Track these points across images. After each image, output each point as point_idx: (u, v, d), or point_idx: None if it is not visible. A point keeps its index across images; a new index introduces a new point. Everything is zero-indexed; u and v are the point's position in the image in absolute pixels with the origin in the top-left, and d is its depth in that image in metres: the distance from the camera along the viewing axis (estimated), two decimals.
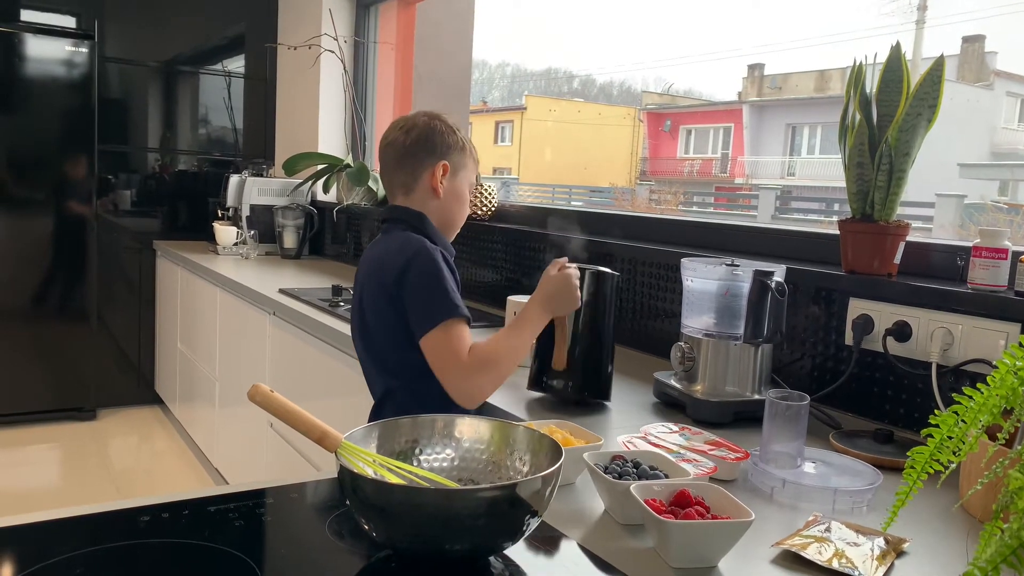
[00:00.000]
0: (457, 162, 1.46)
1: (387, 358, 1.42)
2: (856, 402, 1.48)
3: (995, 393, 0.66)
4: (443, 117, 1.48)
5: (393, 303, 1.35)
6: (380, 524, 0.78)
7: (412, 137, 1.43)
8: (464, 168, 1.48)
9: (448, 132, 1.45)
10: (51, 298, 3.71)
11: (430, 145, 1.44)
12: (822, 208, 10.02)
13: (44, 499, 2.99)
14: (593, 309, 1.44)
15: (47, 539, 0.83)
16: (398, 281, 1.34)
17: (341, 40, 3.54)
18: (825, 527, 0.93)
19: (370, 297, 1.42)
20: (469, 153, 1.49)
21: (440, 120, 1.46)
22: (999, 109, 11.96)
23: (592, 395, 1.45)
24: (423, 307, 1.32)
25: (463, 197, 1.49)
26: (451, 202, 1.47)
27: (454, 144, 1.46)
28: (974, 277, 1.34)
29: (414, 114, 1.48)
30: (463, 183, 1.49)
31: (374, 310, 1.41)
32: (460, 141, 1.47)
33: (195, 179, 4.12)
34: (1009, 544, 0.60)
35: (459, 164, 1.47)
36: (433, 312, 1.31)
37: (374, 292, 1.40)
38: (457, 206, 1.49)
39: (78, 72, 3.59)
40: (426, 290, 1.33)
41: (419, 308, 1.32)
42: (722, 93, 22.29)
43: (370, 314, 1.42)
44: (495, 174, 18.67)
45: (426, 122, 1.45)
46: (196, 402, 3.39)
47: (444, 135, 1.45)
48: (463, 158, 1.48)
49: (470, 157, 1.49)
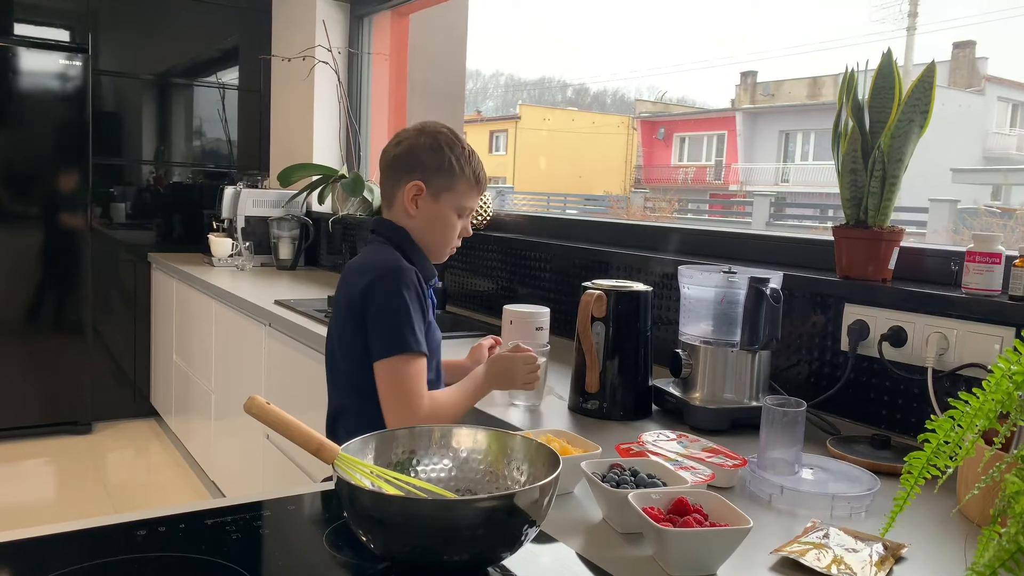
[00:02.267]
0: (440, 184, 1.36)
1: (340, 374, 1.38)
2: (853, 408, 1.48)
3: (991, 398, 0.67)
4: (438, 133, 1.38)
5: (355, 318, 1.31)
6: (378, 536, 0.78)
7: (399, 150, 1.38)
8: (451, 191, 1.37)
9: (436, 150, 1.36)
10: (46, 311, 3.70)
11: (411, 162, 1.36)
12: (816, 214, 10.06)
13: (40, 514, 2.98)
14: (619, 329, 1.44)
15: (43, 554, 0.83)
16: (363, 297, 1.30)
17: (335, 51, 3.54)
18: (823, 533, 0.93)
19: (337, 309, 1.38)
20: (460, 175, 1.37)
21: (431, 136, 1.37)
22: (991, 114, 12.03)
23: (627, 414, 1.44)
24: (382, 332, 1.28)
25: (444, 222, 1.38)
26: (426, 225, 1.38)
27: (439, 165, 1.36)
28: (968, 282, 1.34)
29: (418, 124, 1.41)
30: (446, 207, 1.38)
31: (337, 322, 1.38)
32: (449, 161, 1.36)
33: (190, 191, 4.11)
34: (1007, 548, 0.60)
35: (443, 186, 1.36)
36: (391, 341, 1.27)
37: (341, 305, 1.36)
38: (433, 231, 1.39)
39: (72, 85, 3.59)
40: (389, 315, 1.28)
41: (378, 332, 1.28)
42: (715, 101, 22.42)
43: (334, 326, 1.39)
44: (490, 183, 18.66)
45: (414, 136, 1.38)
46: (192, 415, 3.38)
47: (430, 152, 1.36)
48: (451, 180, 1.36)
49: (463, 180, 1.37)
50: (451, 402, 1.34)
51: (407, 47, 3.68)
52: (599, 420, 1.43)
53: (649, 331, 1.47)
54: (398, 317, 1.28)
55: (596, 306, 1.42)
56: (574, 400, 1.48)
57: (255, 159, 4.19)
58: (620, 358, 1.44)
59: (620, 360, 1.44)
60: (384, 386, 1.28)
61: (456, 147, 1.38)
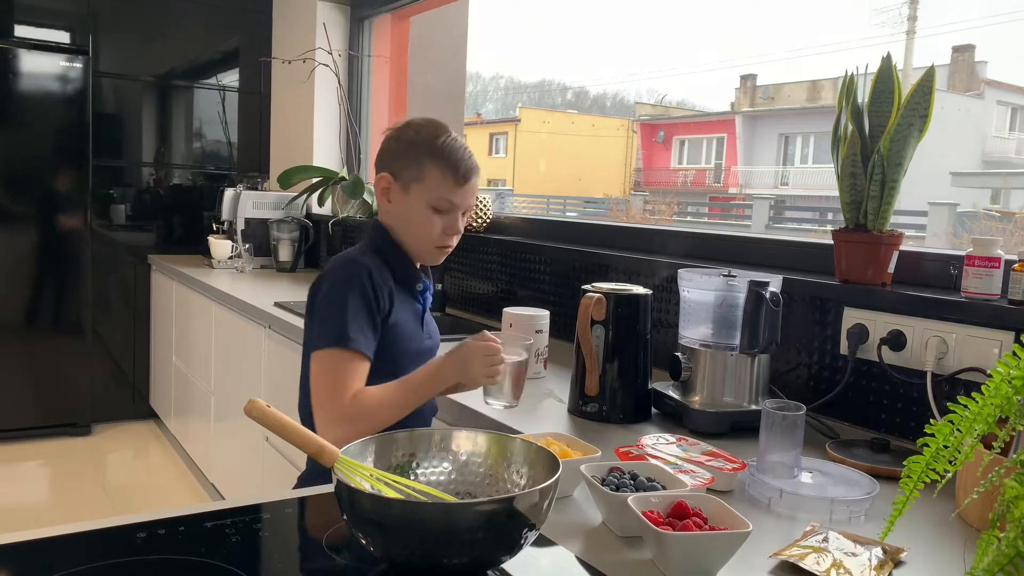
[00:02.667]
0: (409, 175, 1.28)
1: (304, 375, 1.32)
2: (852, 411, 1.48)
3: (990, 402, 0.67)
4: (409, 124, 1.32)
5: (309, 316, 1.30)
6: (377, 539, 0.78)
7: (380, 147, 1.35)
8: (420, 182, 1.28)
9: (403, 140, 1.30)
10: (46, 313, 3.70)
11: (383, 156, 1.32)
12: (816, 217, 10.07)
13: (39, 516, 2.97)
14: (618, 332, 1.44)
15: (42, 557, 0.83)
16: (315, 288, 1.29)
17: (335, 54, 3.55)
18: (823, 537, 0.93)
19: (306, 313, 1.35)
20: (433, 165, 1.27)
21: (402, 127, 1.32)
22: (990, 118, 12.05)
23: (627, 417, 1.44)
24: (320, 324, 1.24)
25: (417, 217, 1.29)
26: (400, 221, 1.32)
27: (405, 154, 1.28)
28: (968, 286, 1.34)
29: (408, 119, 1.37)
30: (417, 200, 1.28)
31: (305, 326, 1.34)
32: (416, 151, 1.28)
33: (190, 193, 4.12)
34: (1006, 553, 0.60)
35: (411, 178, 1.28)
36: (326, 333, 1.21)
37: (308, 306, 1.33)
38: (407, 227, 1.31)
39: (72, 87, 3.59)
40: (328, 307, 1.24)
41: (317, 323, 1.25)
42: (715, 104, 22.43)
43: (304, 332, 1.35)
44: (489, 186, 18.70)
45: (392, 129, 1.33)
46: (192, 417, 3.38)
47: (397, 143, 1.30)
48: (419, 171, 1.27)
49: (433, 169, 1.27)
50: (384, 398, 1.21)
51: (407, 49, 3.69)
52: (599, 423, 1.43)
53: (649, 334, 1.47)
54: (335, 309, 1.22)
55: (596, 309, 1.43)
56: (574, 403, 1.48)
57: (255, 161, 4.19)
58: (620, 361, 1.44)
59: (620, 363, 1.44)
60: (313, 379, 1.22)
61: (426, 134, 1.29)
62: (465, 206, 1.32)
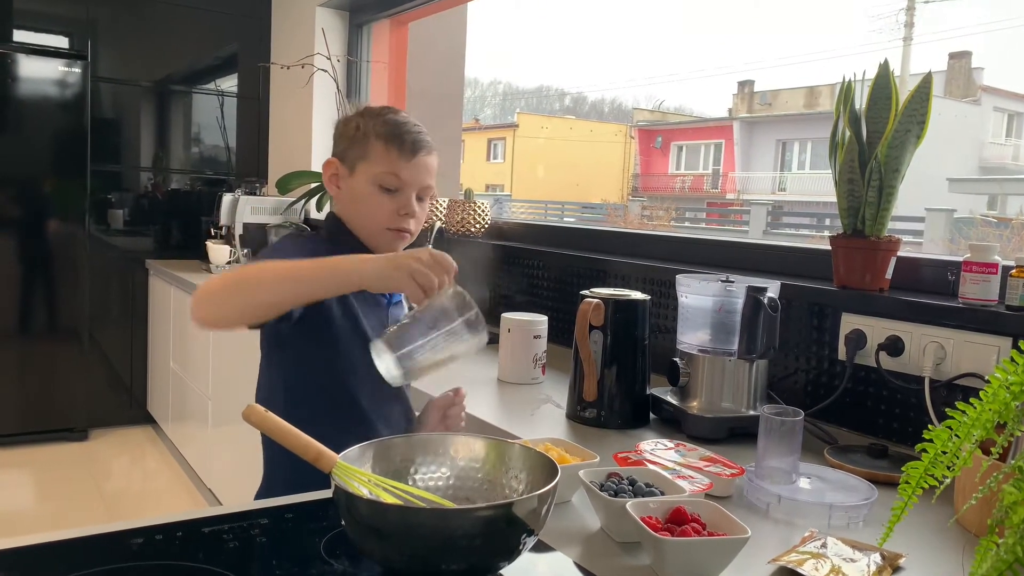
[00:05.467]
0: (353, 155, 1.22)
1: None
2: (850, 417, 1.48)
3: (988, 408, 0.67)
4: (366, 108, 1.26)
5: None
6: (376, 545, 0.78)
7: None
8: (364, 160, 1.21)
9: (346, 121, 1.25)
10: (43, 317, 3.70)
11: (334, 142, 1.27)
12: (813, 223, 10.09)
13: (34, 522, 2.96)
14: (617, 337, 1.44)
15: (38, 564, 0.83)
16: None
17: (334, 59, 3.55)
18: (821, 543, 0.93)
19: None
20: (377, 139, 1.20)
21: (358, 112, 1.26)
22: (986, 124, 12.09)
23: (625, 423, 1.44)
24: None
25: (364, 197, 1.21)
26: (350, 206, 1.25)
27: (350, 134, 1.23)
28: (965, 292, 1.34)
29: None
30: (363, 178, 1.21)
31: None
32: (357, 127, 1.22)
33: (188, 198, 4.11)
34: (1005, 559, 0.60)
35: (356, 156, 1.22)
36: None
37: None
38: (357, 210, 1.24)
39: (71, 92, 3.59)
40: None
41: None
42: (713, 109, 22.46)
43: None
44: (487, 191, 18.72)
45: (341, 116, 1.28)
46: (189, 422, 3.37)
47: (345, 126, 1.25)
48: (363, 147, 1.21)
49: (377, 143, 1.20)
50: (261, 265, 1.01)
51: (406, 55, 3.69)
52: (597, 429, 1.43)
53: (647, 340, 1.47)
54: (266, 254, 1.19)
55: (594, 314, 1.43)
56: (572, 408, 1.48)
57: (253, 166, 4.19)
58: (618, 367, 1.44)
59: (618, 369, 1.44)
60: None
61: (370, 113, 1.24)
62: (417, 184, 1.22)
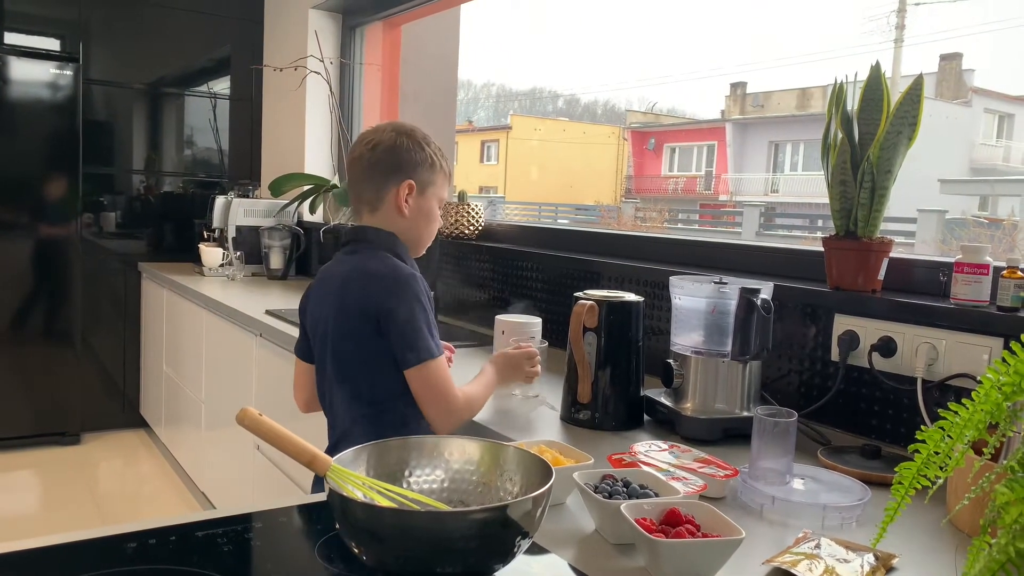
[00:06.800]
0: (425, 179, 1.42)
1: (361, 384, 1.38)
2: (843, 418, 1.49)
3: (980, 408, 0.67)
4: (412, 131, 1.43)
5: (379, 329, 1.33)
6: (370, 548, 0.78)
7: (377, 153, 1.39)
8: (432, 184, 1.44)
9: (415, 148, 1.41)
10: (35, 321, 3.68)
11: (396, 162, 1.40)
12: (806, 224, 10.12)
13: (27, 526, 2.95)
14: (610, 339, 1.44)
15: (30, 568, 0.82)
16: (387, 307, 1.32)
17: (327, 61, 3.55)
18: (815, 544, 0.93)
19: (347, 322, 1.37)
20: (439, 168, 1.44)
21: (407, 135, 1.42)
22: (977, 125, 12.15)
23: (619, 425, 1.45)
24: (409, 343, 1.32)
25: (431, 215, 1.46)
26: (418, 221, 1.44)
27: (421, 160, 1.41)
28: (957, 292, 1.35)
29: (382, 127, 1.44)
30: (431, 200, 1.45)
31: (354, 336, 1.37)
32: (429, 156, 1.42)
33: (181, 200, 4.10)
34: (997, 559, 0.61)
35: (427, 181, 1.43)
36: (418, 349, 1.33)
37: (353, 317, 1.36)
38: (425, 224, 1.46)
39: (62, 94, 3.58)
40: (413, 324, 1.33)
41: (406, 342, 1.32)
42: (705, 111, 22.53)
43: (348, 341, 1.38)
44: (481, 193, 18.71)
45: (392, 138, 1.40)
46: (182, 425, 3.36)
47: (410, 151, 1.40)
48: (432, 174, 1.43)
49: (440, 172, 1.45)
50: (477, 393, 1.44)
51: (399, 57, 3.69)
52: (591, 430, 1.43)
53: (641, 341, 1.47)
54: (420, 325, 1.34)
55: (588, 316, 1.43)
56: (566, 410, 1.48)
57: (246, 169, 4.18)
58: (612, 368, 1.44)
59: (612, 370, 1.44)
60: (421, 391, 1.35)
61: (431, 142, 1.45)
62: None
